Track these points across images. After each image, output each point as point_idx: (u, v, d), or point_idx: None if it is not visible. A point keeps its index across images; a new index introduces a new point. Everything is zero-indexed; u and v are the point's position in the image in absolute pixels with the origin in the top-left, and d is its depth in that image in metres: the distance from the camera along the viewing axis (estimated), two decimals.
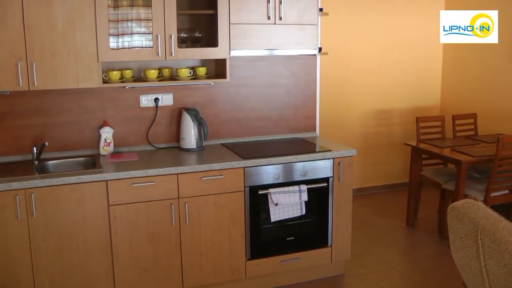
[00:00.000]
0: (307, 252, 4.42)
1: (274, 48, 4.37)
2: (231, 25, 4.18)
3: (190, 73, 4.35)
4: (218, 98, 4.66)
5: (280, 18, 4.32)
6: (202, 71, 4.39)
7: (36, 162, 4.04)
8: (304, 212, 4.29)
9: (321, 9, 4.61)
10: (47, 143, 4.06)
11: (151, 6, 3.95)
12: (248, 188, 4.12)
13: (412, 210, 5.88)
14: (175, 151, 4.44)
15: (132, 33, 3.98)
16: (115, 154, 4.22)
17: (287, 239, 4.37)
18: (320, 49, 4.66)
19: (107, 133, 4.29)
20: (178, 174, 3.88)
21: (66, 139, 4.27)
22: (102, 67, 3.98)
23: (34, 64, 3.73)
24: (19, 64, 3.69)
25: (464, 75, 6.83)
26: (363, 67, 6.71)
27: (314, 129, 5.06)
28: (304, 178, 4.27)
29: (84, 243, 3.75)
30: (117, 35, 3.94)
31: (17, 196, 3.53)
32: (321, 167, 4.31)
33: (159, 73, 4.29)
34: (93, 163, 4.09)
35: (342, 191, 4.43)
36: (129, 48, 3.99)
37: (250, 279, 4.31)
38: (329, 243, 4.49)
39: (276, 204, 4.17)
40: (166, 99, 4.49)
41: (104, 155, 4.26)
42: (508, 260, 2.12)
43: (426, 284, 4.58)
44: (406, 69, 6.96)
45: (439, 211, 5.73)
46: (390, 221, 6.02)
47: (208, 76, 4.47)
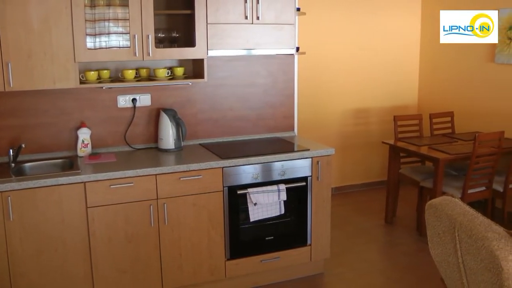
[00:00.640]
0: (287, 251, 4.43)
1: (251, 48, 4.37)
2: (208, 25, 4.17)
3: (168, 73, 4.33)
4: (196, 98, 4.65)
5: (258, 18, 4.32)
6: (179, 71, 4.38)
7: (13, 164, 3.98)
8: (283, 212, 4.30)
9: (298, 9, 4.62)
10: (23, 145, 4.01)
11: (128, 5, 3.92)
12: (227, 188, 4.11)
13: (390, 208, 5.92)
14: (153, 151, 4.42)
15: (109, 33, 3.95)
16: (93, 155, 4.18)
17: (266, 238, 4.37)
18: (297, 49, 4.67)
19: (84, 134, 4.25)
20: (156, 174, 3.86)
21: (43, 140, 4.23)
22: (79, 67, 3.94)
23: (9, 64, 3.68)
24: None
25: (441, 74, 6.89)
26: (341, 66, 6.73)
27: (292, 129, 5.07)
28: (283, 178, 4.28)
29: (63, 246, 3.72)
30: (94, 35, 3.90)
31: None
32: (299, 166, 4.32)
33: (136, 73, 4.27)
34: (70, 164, 4.05)
35: (321, 190, 4.44)
36: (106, 48, 3.96)
37: (230, 279, 4.30)
38: (308, 242, 4.50)
39: (255, 204, 4.17)
40: (144, 100, 4.46)
41: (82, 157, 4.22)
42: (485, 255, 2.14)
43: (405, 281, 4.62)
44: (383, 69, 7.00)
45: (417, 209, 5.77)
46: (369, 219, 6.05)
47: (186, 76, 4.45)
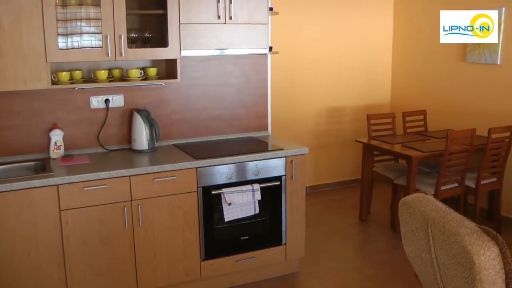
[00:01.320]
0: (262, 251, 4.44)
1: (224, 47, 4.37)
2: (181, 25, 4.16)
3: (141, 74, 4.30)
4: (169, 98, 4.63)
5: (230, 18, 4.32)
6: (152, 71, 4.36)
7: None
8: (257, 211, 4.30)
9: (271, 9, 4.63)
10: None
11: (100, 5, 3.88)
12: (201, 188, 4.10)
13: (364, 206, 5.96)
14: (127, 153, 4.39)
15: (81, 33, 3.90)
16: (65, 157, 4.13)
17: (242, 238, 4.37)
18: (270, 48, 4.68)
19: (57, 136, 4.20)
20: (130, 176, 3.84)
21: (14, 143, 4.16)
22: (51, 68, 3.89)
23: None
24: None
25: (413, 74, 6.96)
26: (315, 66, 6.76)
27: (266, 128, 5.08)
28: (257, 177, 4.28)
29: (36, 250, 3.67)
30: (66, 35, 3.85)
31: None
32: (273, 165, 4.33)
33: (109, 74, 4.23)
34: (43, 167, 3.99)
35: (295, 189, 4.46)
36: (78, 48, 3.91)
37: (205, 279, 4.30)
38: (283, 242, 4.51)
39: (230, 204, 4.17)
40: (117, 100, 4.43)
41: (55, 159, 4.17)
42: (457, 250, 2.17)
43: (380, 277, 4.66)
44: (357, 68, 7.04)
45: (391, 206, 5.82)
46: (343, 217, 6.09)
47: (159, 76, 4.43)
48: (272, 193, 4.39)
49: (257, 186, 4.24)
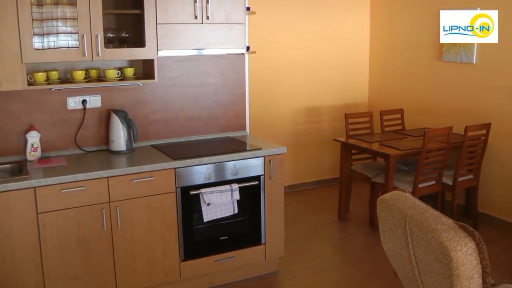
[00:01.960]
0: (241, 250, 4.44)
1: (202, 47, 4.36)
2: (158, 25, 4.14)
3: (118, 74, 4.28)
4: (147, 99, 4.61)
5: (208, 18, 4.31)
6: (130, 71, 4.33)
7: None
8: (236, 211, 4.30)
9: (248, 8, 4.63)
10: None
11: (76, 4, 3.84)
12: (180, 189, 4.09)
13: (343, 204, 5.98)
14: (104, 154, 4.36)
15: (57, 33, 3.85)
16: (42, 159, 4.09)
17: (221, 238, 4.37)
18: (248, 48, 4.67)
19: (33, 138, 4.15)
20: (108, 177, 3.81)
21: None
22: (26, 68, 3.85)
23: None
24: None
25: (390, 73, 7.00)
26: (292, 65, 6.77)
27: (244, 128, 5.07)
28: (236, 177, 4.28)
29: (12, 255, 3.61)
30: (42, 35, 3.80)
31: None
32: (252, 165, 4.33)
33: (86, 74, 4.20)
34: (19, 169, 3.94)
35: (274, 189, 4.46)
36: (54, 48, 3.86)
37: (185, 280, 4.28)
38: (263, 241, 4.51)
39: (208, 204, 4.16)
40: (94, 101, 4.39)
41: (31, 161, 4.11)
42: (435, 247, 2.19)
43: (359, 275, 4.68)
44: (334, 67, 7.06)
45: (370, 204, 5.86)
46: (322, 216, 6.11)
47: (136, 76, 4.41)
48: (251, 193, 4.39)
49: (235, 186, 4.23)
